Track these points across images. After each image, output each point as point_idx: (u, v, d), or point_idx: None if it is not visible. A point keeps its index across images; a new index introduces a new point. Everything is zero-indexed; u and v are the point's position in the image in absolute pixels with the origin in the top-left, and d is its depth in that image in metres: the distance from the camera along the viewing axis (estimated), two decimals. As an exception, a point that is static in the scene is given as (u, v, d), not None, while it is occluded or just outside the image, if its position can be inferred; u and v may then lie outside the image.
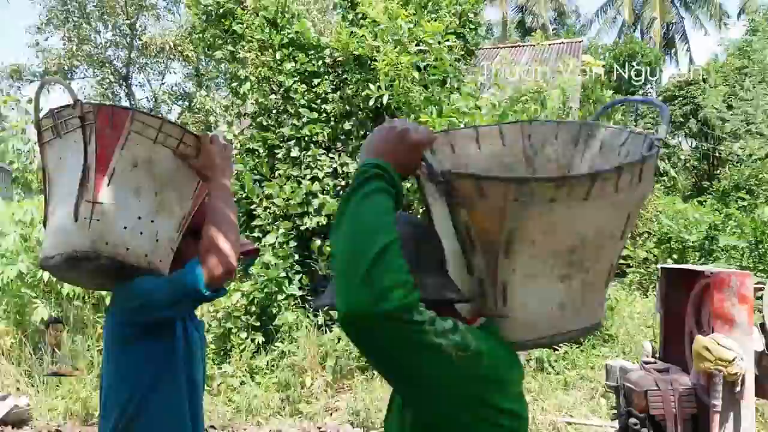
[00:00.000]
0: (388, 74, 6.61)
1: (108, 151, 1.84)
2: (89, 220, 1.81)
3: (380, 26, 6.89)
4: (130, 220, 1.86)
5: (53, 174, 1.94)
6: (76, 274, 2.01)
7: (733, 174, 13.87)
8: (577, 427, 5.74)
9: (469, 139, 1.69)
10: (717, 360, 2.74)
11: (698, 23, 31.34)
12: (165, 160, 1.91)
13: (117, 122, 1.85)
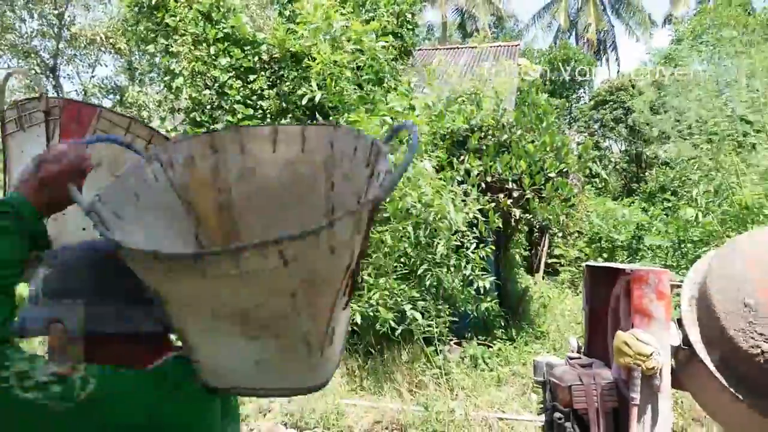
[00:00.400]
0: (320, 73, 6.57)
1: None
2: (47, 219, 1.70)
3: (313, 25, 6.85)
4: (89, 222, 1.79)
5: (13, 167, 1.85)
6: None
7: (658, 176, 14.48)
8: (508, 422, 5.85)
9: (264, 139, 1.54)
10: (636, 354, 2.81)
11: (629, 30, 32.60)
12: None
13: (83, 119, 1.78)
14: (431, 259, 6.50)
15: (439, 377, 6.46)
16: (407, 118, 6.55)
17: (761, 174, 9.25)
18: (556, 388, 3.15)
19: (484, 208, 7.61)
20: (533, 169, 8.03)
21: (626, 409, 2.95)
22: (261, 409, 5.97)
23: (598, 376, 3.08)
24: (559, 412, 3.08)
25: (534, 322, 9.51)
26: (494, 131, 8.45)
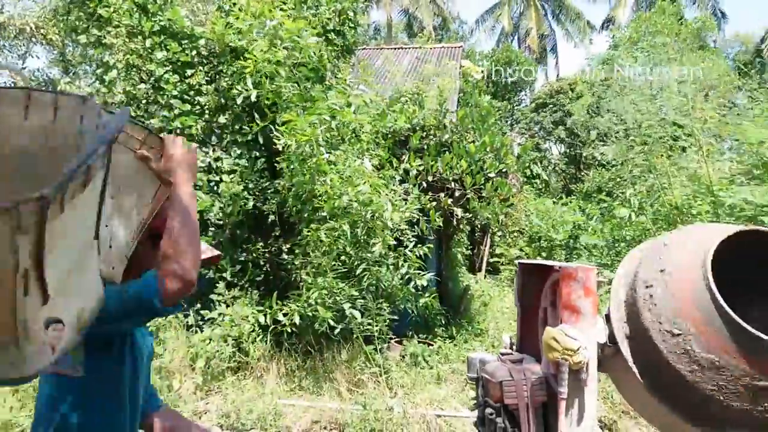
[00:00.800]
0: (258, 71, 6.46)
1: None
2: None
3: (246, 23, 6.73)
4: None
5: None
6: None
7: (595, 177, 14.91)
8: (447, 419, 5.89)
9: (15, 103, 1.45)
10: (564, 350, 2.87)
11: (568, 36, 33.44)
12: (124, 162, 1.74)
13: None
14: (369, 257, 6.49)
15: (379, 376, 6.46)
16: (344, 115, 6.53)
17: (689, 176, 9.63)
18: (488, 384, 3.18)
19: (425, 207, 7.65)
20: (474, 168, 8.12)
21: (555, 403, 3.00)
22: (196, 411, 5.84)
23: (529, 371, 3.12)
24: (491, 408, 3.10)
25: (474, 320, 9.63)
26: (436, 131, 8.52)
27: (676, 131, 10.73)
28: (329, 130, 6.49)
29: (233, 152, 7.29)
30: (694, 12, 27.21)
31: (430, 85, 9.70)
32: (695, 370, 2.29)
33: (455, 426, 5.76)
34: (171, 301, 1.68)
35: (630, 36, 19.12)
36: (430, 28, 30.44)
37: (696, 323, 2.30)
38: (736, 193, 7.42)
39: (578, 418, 2.99)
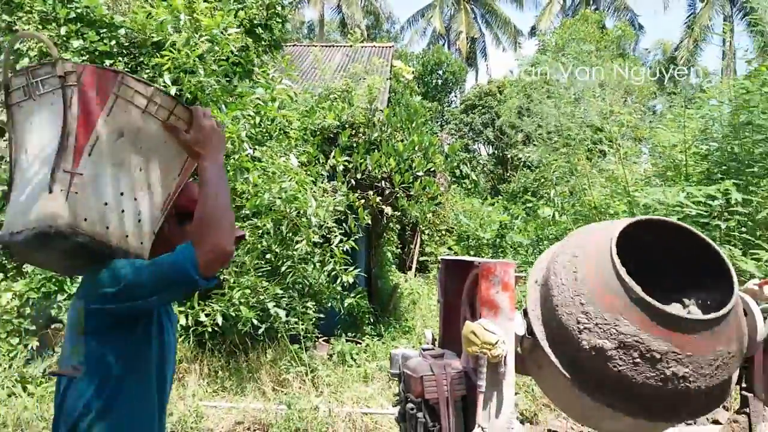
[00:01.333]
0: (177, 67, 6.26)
1: (91, 117, 1.63)
2: (66, 192, 1.57)
3: (161, 19, 6.51)
4: (112, 196, 1.65)
5: (21, 139, 1.69)
6: (44, 254, 1.71)
7: (520, 178, 15.31)
8: (373, 417, 5.89)
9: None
10: (482, 344, 2.90)
11: (497, 40, 34.25)
12: (153, 133, 1.73)
13: (103, 85, 1.65)
14: (295, 255, 6.40)
15: (305, 375, 6.39)
16: (269, 110, 6.41)
17: (608, 177, 10.02)
18: (409, 379, 3.19)
19: (354, 205, 7.64)
20: (402, 167, 8.17)
21: (474, 397, 3.04)
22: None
23: (449, 366, 3.15)
24: (412, 403, 3.11)
25: (403, 317, 9.69)
26: (365, 129, 8.52)
27: (596, 134, 11.16)
28: (254, 126, 6.36)
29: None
30: (614, 22, 28.40)
31: (360, 83, 9.69)
32: (607, 347, 2.37)
33: (381, 423, 5.77)
34: (209, 272, 1.66)
35: (556, 42, 19.78)
36: (362, 26, 30.50)
37: (603, 298, 2.43)
38: (650, 193, 7.76)
39: (496, 410, 3.03)
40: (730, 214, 7.27)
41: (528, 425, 5.69)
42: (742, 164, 7.97)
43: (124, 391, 1.74)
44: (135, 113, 1.70)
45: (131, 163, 1.71)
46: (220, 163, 1.81)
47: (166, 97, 1.77)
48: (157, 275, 1.65)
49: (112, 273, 1.66)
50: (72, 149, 1.61)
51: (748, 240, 7.11)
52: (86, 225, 1.61)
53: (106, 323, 1.71)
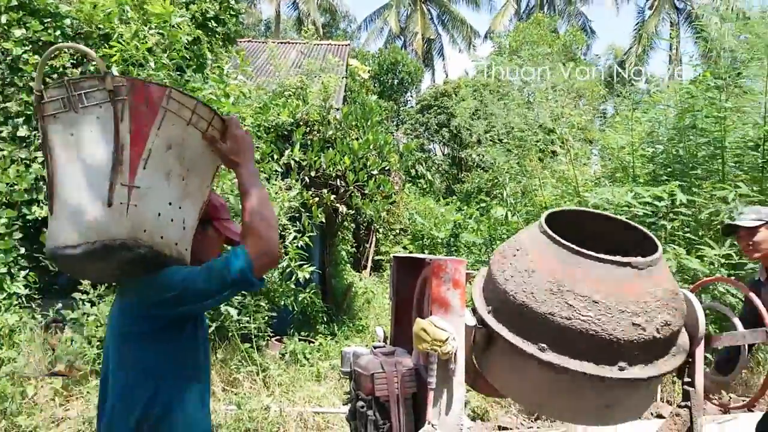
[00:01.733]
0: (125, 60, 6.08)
1: (143, 130, 1.69)
2: (126, 206, 1.65)
3: (108, 10, 6.33)
4: (163, 207, 1.73)
5: (61, 151, 1.70)
6: (101, 265, 1.75)
7: (474, 178, 15.47)
8: (325, 416, 5.86)
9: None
10: (433, 341, 2.91)
11: (453, 41, 34.54)
12: (194, 144, 1.81)
13: (153, 100, 1.71)
14: (247, 252, 6.29)
15: (256, 375, 6.30)
16: (222, 106, 6.30)
17: (559, 178, 10.21)
18: (360, 377, 3.17)
19: (308, 203, 7.57)
20: (357, 165, 8.15)
21: (424, 394, 3.04)
22: (54, 418, 5.41)
23: (400, 363, 3.14)
24: (362, 401, 3.09)
25: (357, 316, 9.67)
26: (320, 127, 8.46)
27: (548, 136, 11.37)
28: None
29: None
30: (566, 27, 29.00)
31: (315, 80, 9.62)
32: (540, 299, 2.51)
33: (333, 422, 5.74)
34: (261, 275, 1.79)
35: (510, 44, 20.07)
36: (319, 23, 30.32)
37: (538, 259, 2.60)
38: (599, 193, 7.94)
39: (447, 407, 3.04)
40: (675, 214, 7.50)
41: (479, 422, 5.75)
42: (686, 166, 8.24)
43: (181, 392, 1.85)
44: (180, 125, 1.77)
45: (176, 174, 1.79)
46: (255, 170, 1.92)
47: (206, 108, 1.84)
48: (215, 279, 1.75)
49: (170, 278, 1.76)
50: (127, 163, 1.67)
51: (692, 239, 7.35)
52: (146, 236, 1.69)
53: (155, 328, 1.80)
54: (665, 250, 6.81)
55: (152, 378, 1.81)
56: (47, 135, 1.74)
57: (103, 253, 1.67)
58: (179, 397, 1.84)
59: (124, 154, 1.67)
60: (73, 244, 1.66)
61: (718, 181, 7.74)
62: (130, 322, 1.84)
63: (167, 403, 1.81)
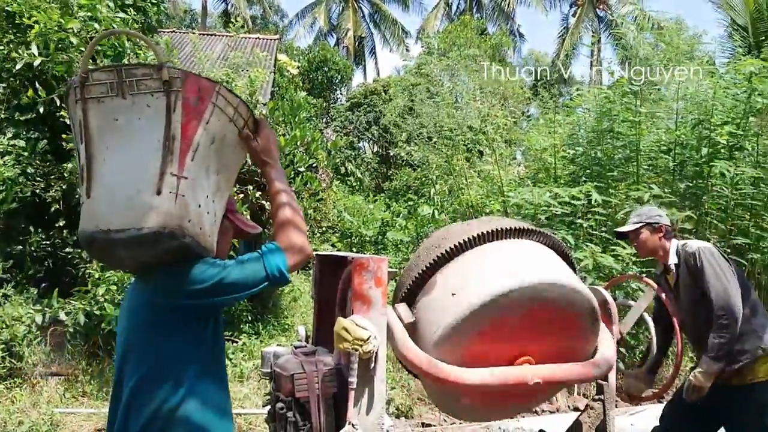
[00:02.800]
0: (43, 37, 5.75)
1: (194, 123, 1.74)
2: (175, 195, 1.68)
3: None
4: (202, 199, 1.78)
5: (101, 135, 1.72)
6: (141, 252, 1.74)
7: (402, 176, 15.58)
8: (247, 417, 5.74)
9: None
10: (354, 340, 2.88)
11: (385, 40, 34.65)
12: (231, 140, 1.87)
13: (204, 94, 1.75)
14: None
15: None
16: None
17: (484, 177, 10.41)
18: (280, 378, 3.10)
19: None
20: (283, 162, 8.02)
21: (345, 394, 3.00)
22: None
23: (321, 363, 3.09)
24: (282, 402, 3.03)
25: (282, 315, 9.54)
26: (245, 122, 8.27)
27: (476, 136, 11.57)
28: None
29: (8, 131, 6.41)
30: (494, 29, 29.65)
31: (242, 74, 9.41)
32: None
33: (255, 423, 5.63)
34: (293, 270, 1.87)
35: (438, 46, 20.31)
36: (247, 16, 29.73)
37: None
38: (521, 193, 8.14)
39: (368, 407, 3.02)
40: (591, 214, 7.78)
41: (403, 419, 5.77)
42: (604, 168, 8.56)
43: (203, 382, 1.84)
44: (224, 121, 1.82)
45: (214, 168, 1.83)
46: (282, 170, 2.01)
47: (245, 107, 1.90)
48: (249, 273, 1.81)
49: (205, 270, 1.78)
50: (177, 153, 1.70)
51: (608, 239, 7.64)
52: (190, 226, 1.72)
53: (181, 319, 1.80)
54: (582, 248, 7.06)
55: (175, 368, 1.80)
56: (87, 117, 1.73)
57: (150, 240, 1.68)
58: (201, 389, 1.83)
59: (174, 145, 1.70)
60: (118, 229, 1.67)
61: (633, 182, 8.08)
62: (158, 312, 1.83)
63: (187, 395, 1.80)
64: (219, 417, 1.90)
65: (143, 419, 1.77)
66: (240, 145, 1.93)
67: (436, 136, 11.80)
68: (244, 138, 1.92)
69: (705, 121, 7.83)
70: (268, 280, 1.83)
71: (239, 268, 1.81)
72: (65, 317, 5.79)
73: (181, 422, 1.79)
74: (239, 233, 2.19)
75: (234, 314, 8.19)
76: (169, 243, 1.71)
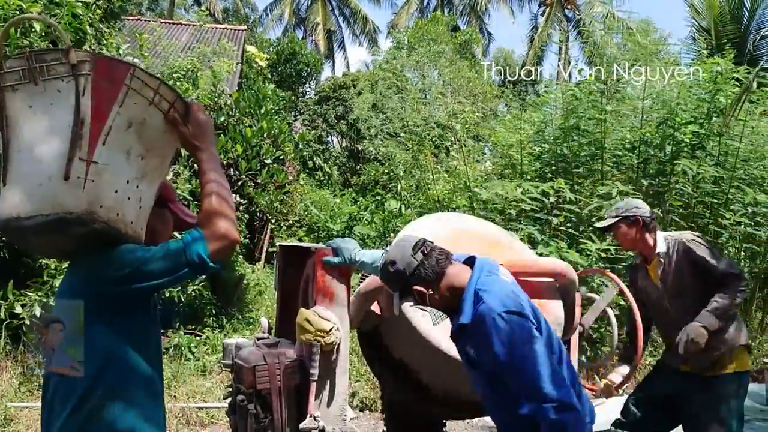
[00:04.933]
0: None
1: (105, 106, 1.71)
2: (84, 180, 1.65)
3: None
4: (121, 184, 1.74)
5: (18, 122, 1.71)
6: (54, 239, 1.75)
7: (370, 171, 15.56)
8: (209, 411, 5.66)
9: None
10: (316, 331, 2.84)
11: (354, 35, 34.52)
12: (155, 124, 1.83)
13: (116, 77, 1.72)
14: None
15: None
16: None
17: (450, 173, 10.45)
18: (241, 370, 3.06)
19: (196, 191, 7.27)
20: (250, 154, 7.93)
21: (307, 386, 2.97)
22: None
23: (283, 355, 3.05)
24: (243, 394, 2.98)
25: (247, 309, 9.44)
26: (211, 112, 8.15)
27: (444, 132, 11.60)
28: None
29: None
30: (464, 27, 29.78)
31: (208, 64, 9.26)
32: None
33: (218, 417, 5.55)
34: (218, 258, 1.80)
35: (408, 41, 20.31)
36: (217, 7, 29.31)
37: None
38: (490, 188, 8.18)
39: (329, 399, 2.99)
40: (560, 210, 7.86)
41: (367, 412, 5.75)
42: (570, 165, 8.65)
43: (131, 375, 1.79)
44: (143, 104, 1.78)
45: (135, 153, 1.79)
46: (215, 155, 1.95)
47: (169, 89, 1.85)
48: (170, 259, 1.75)
49: (125, 256, 1.76)
50: (87, 138, 1.67)
51: (574, 234, 7.73)
52: (102, 212, 1.69)
53: (107, 306, 1.76)
54: (548, 244, 7.12)
55: (96, 363, 1.75)
56: (4, 105, 1.73)
57: (57, 226, 1.67)
58: (124, 383, 1.78)
59: (84, 129, 1.67)
60: (27, 215, 1.66)
61: (598, 179, 8.19)
62: (78, 298, 1.79)
63: (111, 386, 1.75)
64: (144, 423, 1.82)
65: (63, 417, 1.74)
66: (169, 129, 1.88)
67: (402, 131, 11.79)
68: (170, 122, 1.86)
69: (670, 120, 7.98)
70: (188, 267, 1.78)
71: (159, 255, 1.77)
72: (21, 309, 5.62)
73: (99, 424, 1.73)
74: (181, 224, 2.17)
75: (198, 308, 8.07)
76: (77, 229, 1.70)
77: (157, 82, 1.81)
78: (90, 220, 1.68)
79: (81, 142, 1.67)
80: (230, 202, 1.88)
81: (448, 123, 10.70)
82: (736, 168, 7.71)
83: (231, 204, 1.88)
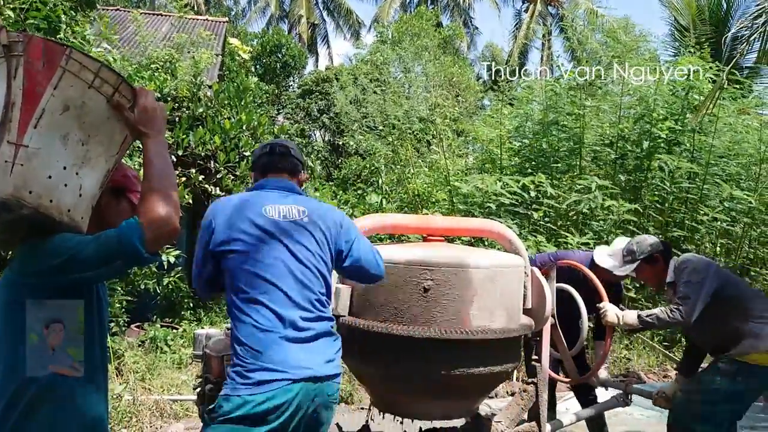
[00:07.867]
0: None
1: (38, 89, 1.64)
2: (11, 164, 1.59)
3: None
4: (55, 169, 1.66)
5: None
6: None
7: (351, 165, 15.54)
8: (183, 404, 5.61)
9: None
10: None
11: (339, 28, 34.39)
12: (97, 109, 1.75)
13: (51, 58, 1.66)
14: (101, 232, 5.87)
15: (110, 362, 5.91)
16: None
17: (431, 167, 10.46)
18: (210, 360, 3.05)
19: (174, 182, 7.19)
20: (228, 146, 7.86)
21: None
22: None
23: (252, 344, 3.03)
24: (211, 384, 2.97)
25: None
26: (189, 103, 8.06)
27: (425, 127, 11.60)
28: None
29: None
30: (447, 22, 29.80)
31: (187, 55, 9.16)
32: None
33: (192, 410, 5.51)
34: (155, 248, 1.71)
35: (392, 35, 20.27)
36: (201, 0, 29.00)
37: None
38: (470, 181, 8.21)
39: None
40: (539, 205, 7.90)
41: (343, 405, 5.75)
42: (549, 160, 8.70)
43: (63, 385, 1.73)
44: (81, 88, 1.71)
45: (75, 138, 1.72)
46: (163, 142, 1.87)
47: (112, 73, 1.78)
48: (103, 248, 1.68)
49: (56, 245, 1.68)
50: (17, 121, 1.61)
51: (553, 229, 7.78)
52: (31, 197, 1.61)
53: (40, 297, 1.70)
54: (526, 239, 7.15)
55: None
56: None
57: None
58: (63, 389, 1.72)
59: (13, 112, 1.60)
60: None
61: (577, 174, 8.24)
62: (13, 290, 1.74)
63: (47, 383, 1.70)
64: (84, 406, 1.78)
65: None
66: (114, 115, 1.80)
67: (382, 125, 11.78)
68: (114, 107, 1.78)
69: (647, 116, 8.05)
70: (122, 256, 1.69)
71: (94, 244, 1.69)
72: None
73: (35, 425, 1.68)
74: None
75: (175, 301, 8.00)
76: (5, 215, 1.63)
77: (97, 65, 1.73)
78: (16, 206, 1.60)
79: (10, 125, 1.60)
80: (171, 189, 1.78)
81: (428, 117, 10.71)
82: (710, 164, 7.80)
83: (171, 190, 1.78)
